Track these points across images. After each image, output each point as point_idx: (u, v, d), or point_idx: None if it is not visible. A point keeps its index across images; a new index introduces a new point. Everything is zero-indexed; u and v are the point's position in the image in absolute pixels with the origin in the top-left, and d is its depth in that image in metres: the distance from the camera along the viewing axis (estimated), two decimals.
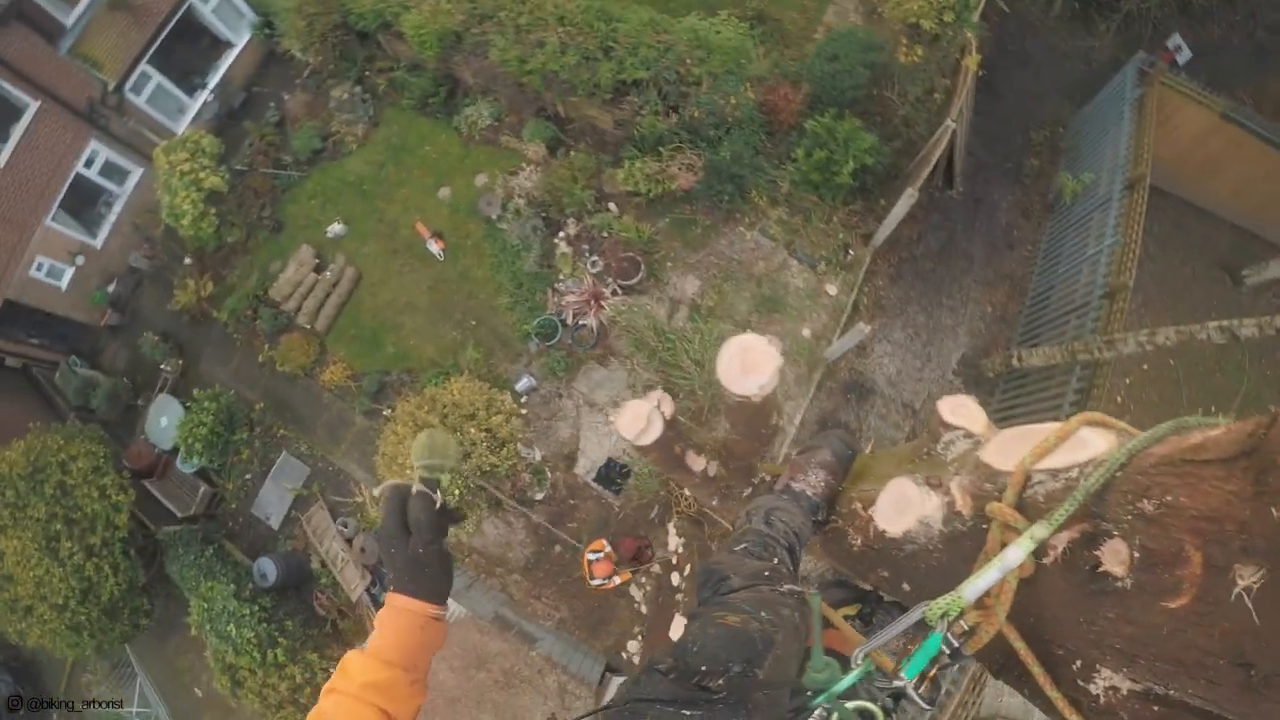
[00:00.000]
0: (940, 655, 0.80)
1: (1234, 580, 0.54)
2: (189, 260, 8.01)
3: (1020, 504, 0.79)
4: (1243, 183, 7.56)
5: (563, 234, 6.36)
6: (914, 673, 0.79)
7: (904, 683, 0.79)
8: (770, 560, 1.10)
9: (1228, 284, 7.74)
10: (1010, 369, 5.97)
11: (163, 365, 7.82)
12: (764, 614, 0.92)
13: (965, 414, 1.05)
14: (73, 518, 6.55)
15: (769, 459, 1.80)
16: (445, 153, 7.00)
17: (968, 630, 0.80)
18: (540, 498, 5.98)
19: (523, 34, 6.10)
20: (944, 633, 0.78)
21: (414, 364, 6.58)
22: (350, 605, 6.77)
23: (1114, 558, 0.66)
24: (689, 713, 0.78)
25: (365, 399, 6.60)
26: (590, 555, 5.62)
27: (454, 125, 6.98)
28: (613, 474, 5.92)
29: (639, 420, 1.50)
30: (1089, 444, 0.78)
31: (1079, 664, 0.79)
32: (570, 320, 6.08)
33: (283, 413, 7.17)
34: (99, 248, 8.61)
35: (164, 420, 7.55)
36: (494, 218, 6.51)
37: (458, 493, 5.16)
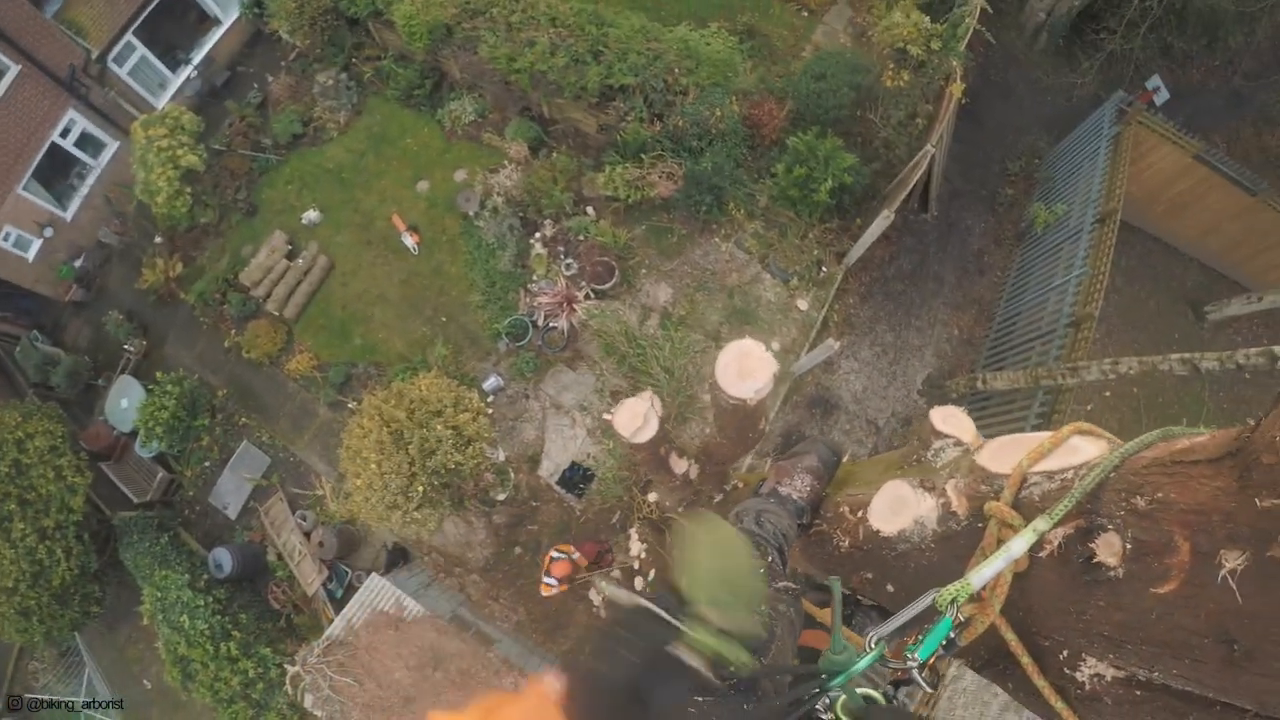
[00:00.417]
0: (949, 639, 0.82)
1: (1220, 564, 0.59)
2: (159, 239, 7.83)
3: (1016, 504, 0.85)
4: (1211, 223, 7.79)
5: (539, 235, 6.34)
6: (927, 653, 0.82)
7: (915, 664, 0.81)
8: (765, 559, 1.13)
9: (1190, 319, 7.96)
10: (974, 391, 6.07)
11: (126, 345, 7.63)
12: (763, 608, 0.95)
13: (956, 424, 1.11)
14: (27, 498, 6.35)
15: (742, 469, 1.82)
16: (426, 146, 6.95)
17: (963, 622, 0.84)
18: (503, 499, 5.93)
19: (514, 32, 6.09)
20: (953, 616, 0.81)
21: (382, 357, 6.50)
22: (306, 600, 6.64)
23: (1108, 549, 0.71)
24: (701, 699, 0.79)
25: (331, 390, 6.50)
26: (554, 554, 5.54)
27: (437, 119, 6.93)
28: (576, 478, 5.89)
29: (636, 418, 1.54)
30: (1080, 450, 0.84)
31: (1065, 653, 0.84)
32: (541, 322, 6.05)
33: (246, 400, 7.03)
34: (69, 220, 8.39)
35: (125, 402, 7.36)
36: (471, 214, 6.47)
37: (421, 489, 5.07)
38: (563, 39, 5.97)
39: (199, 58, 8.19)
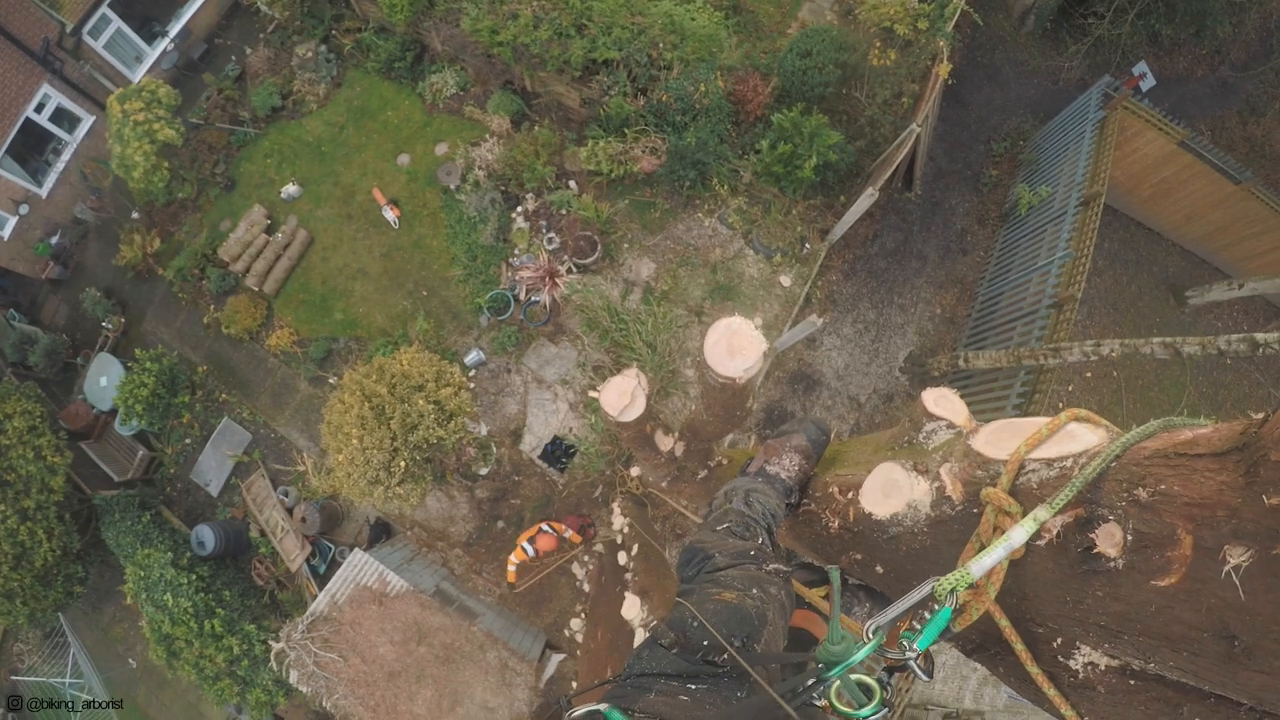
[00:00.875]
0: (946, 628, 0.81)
1: (1224, 560, 0.58)
2: (137, 215, 7.70)
3: (1013, 490, 0.83)
4: (1194, 210, 7.84)
5: (521, 209, 6.29)
6: (926, 644, 0.80)
7: (915, 654, 0.80)
8: (755, 540, 1.11)
9: (1171, 303, 8.04)
10: (956, 369, 6.11)
11: (104, 323, 7.52)
12: (755, 591, 0.94)
13: (948, 406, 1.09)
14: (6, 479, 6.29)
15: (725, 444, 1.81)
16: (407, 119, 6.85)
17: (958, 608, 0.82)
18: (485, 473, 5.93)
19: (496, 5, 6.00)
20: (952, 606, 0.80)
21: (363, 332, 6.45)
22: (289, 576, 6.63)
23: (1108, 540, 0.70)
24: (694, 686, 0.79)
25: (311, 365, 6.45)
26: (544, 528, 5.51)
27: (418, 92, 6.83)
28: (558, 452, 5.89)
29: (623, 396, 1.52)
30: (1079, 437, 0.82)
31: (1059, 641, 0.83)
32: (523, 296, 6.02)
33: (226, 377, 6.96)
34: (44, 197, 8.23)
35: (103, 380, 7.27)
36: (453, 188, 6.41)
37: (403, 464, 5.07)
38: (546, 12, 5.89)
39: (176, 30, 8.02)
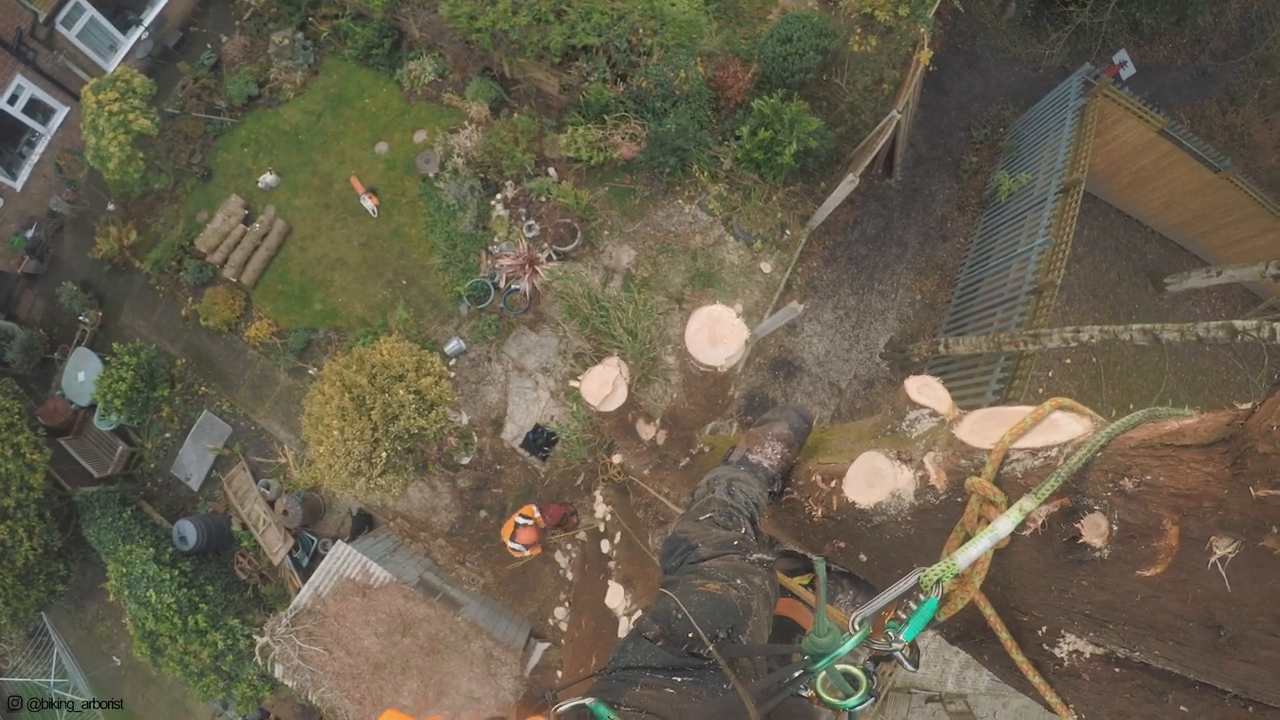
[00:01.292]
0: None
1: (1210, 551, 0.58)
2: (113, 206, 7.59)
3: (998, 480, 0.82)
4: (1173, 198, 7.92)
5: (500, 196, 6.25)
6: (912, 635, 0.80)
7: (901, 645, 0.80)
8: (738, 530, 1.10)
9: (1150, 290, 8.14)
10: (936, 355, 6.16)
11: (81, 317, 7.41)
12: (739, 581, 0.93)
13: (931, 394, 1.08)
14: None
15: (706, 431, 1.80)
16: (385, 106, 6.78)
17: (943, 597, 0.82)
18: (466, 462, 5.91)
19: None
20: (938, 598, 0.80)
21: (342, 322, 6.40)
22: (272, 569, 6.60)
23: (1093, 530, 0.70)
24: (680, 679, 0.78)
25: (291, 357, 6.40)
26: (519, 520, 5.56)
27: (396, 79, 6.76)
28: (540, 440, 5.89)
29: (605, 386, 1.51)
30: (1063, 426, 0.82)
31: (1044, 629, 0.83)
32: (503, 284, 6.00)
33: (205, 369, 6.89)
34: (19, 190, 8.10)
35: (81, 375, 7.17)
36: (431, 176, 6.36)
37: (385, 455, 5.05)
38: None
39: (150, 18, 7.88)
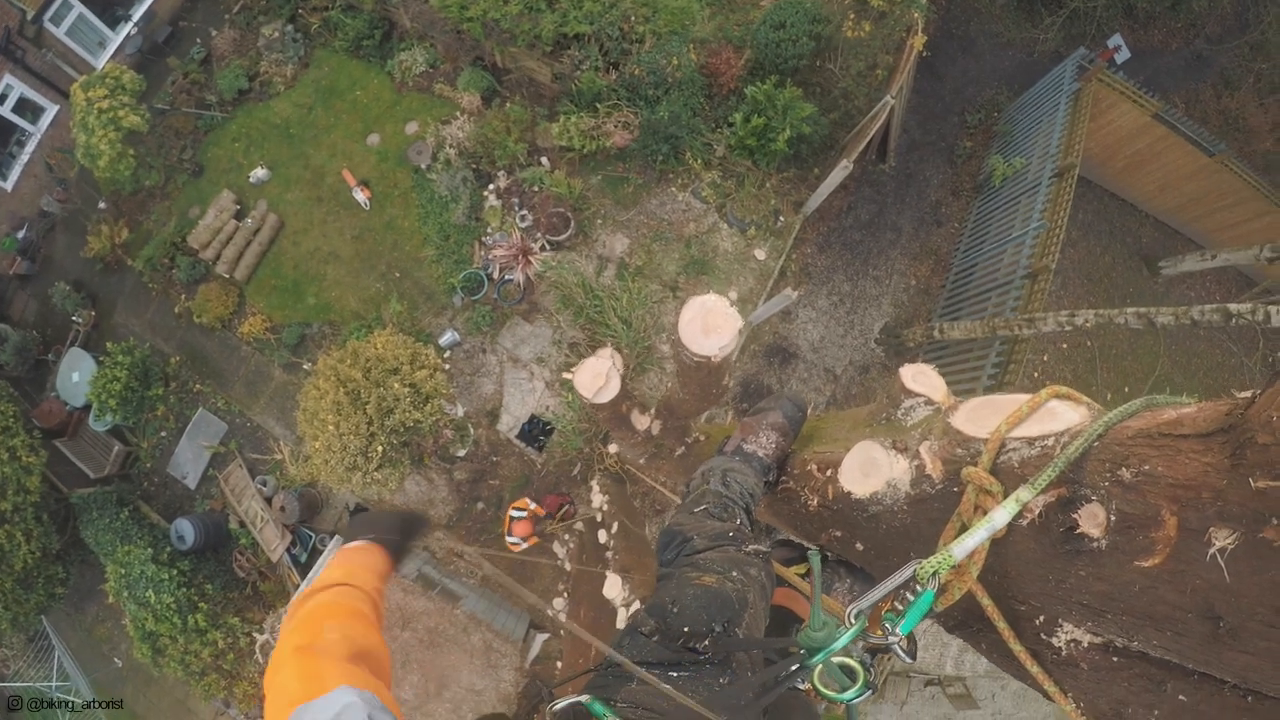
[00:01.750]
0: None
1: (1209, 542, 0.57)
2: (104, 205, 7.55)
3: (994, 469, 0.82)
4: (1167, 181, 7.92)
5: (493, 187, 6.22)
6: (909, 628, 0.79)
7: (898, 638, 0.79)
8: (732, 521, 1.09)
9: (1144, 274, 8.14)
10: (931, 340, 6.16)
11: (74, 317, 7.38)
12: (735, 574, 0.92)
13: (926, 382, 1.07)
14: None
15: (702, 420, 1.78)
16: (376, 98, 6.75)
17: (940, 588, 0.82)
18: (463, 454, 5.91)
19: None
20: (934, 590, 0.79)
21: (336, 316, 6.38)
22: (271, 566, 6.59)
23: (1091, 520, 0.70)
24: (675, 674, 0.77)
25: (285, 352, 6.38)
26: (513, 513, 5.58)
27: (387, 70, 6.73)
28: (536, 431, 5.88)
29: (598, 378, 1.49)
30: (1060, 415, 0.81)
31: (1042, 619, 0.82)
32: (497, 275, 5.98)
33: (199, 366, 6.87)
34: (9, 190, 8.06)
35: (76, 375, 7.15)
36: (423, 167, 6.33)
37: (381, 449, 5.03)
38: None
39: (139, 13, 7.83)
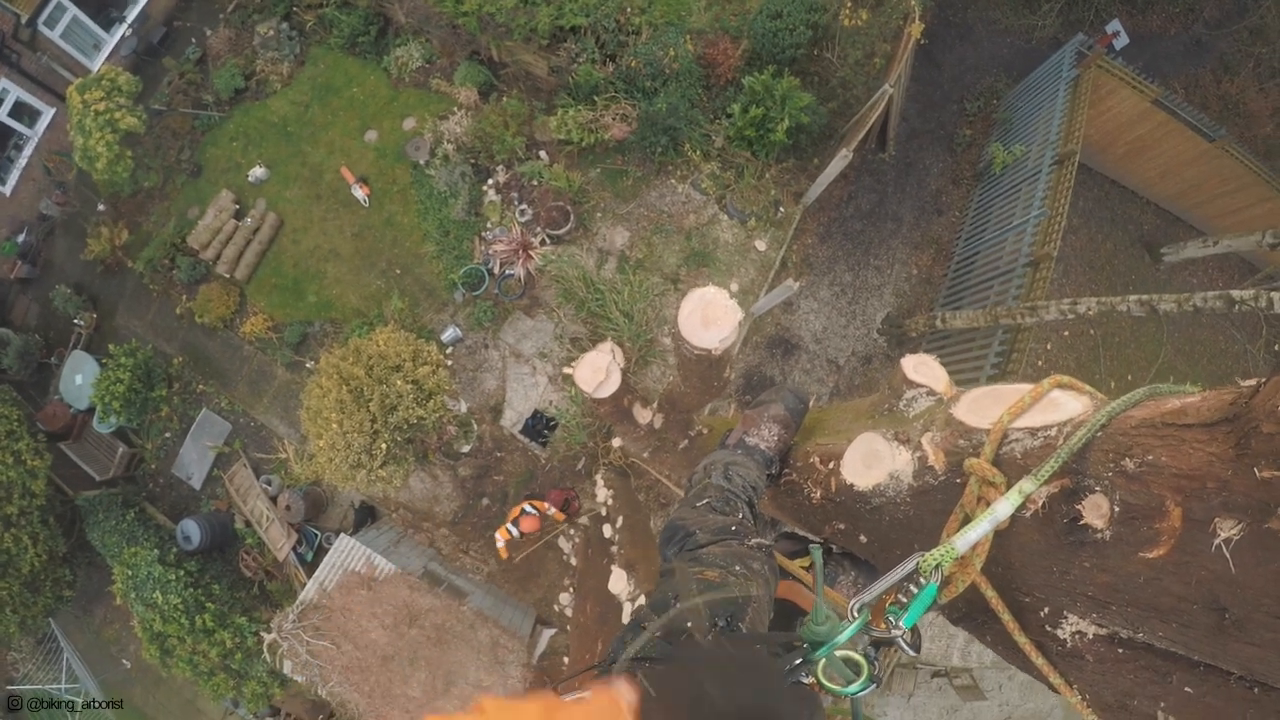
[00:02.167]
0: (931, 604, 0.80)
1: (1214, 533, 0.57)
2: (103, 207, 7.55)
3: (997, 460, 0.81)
4: (1168, 167, 7.88)
5: (492, 181, 6.21)
6: (911, 622, 0.79)
7: (901, 631, 0.78)
8: (735, 515, 1.09)
9: (1146, 261, 8.11)
10: (933, 330, 6.14)
11: (76, 319, 7.38)
12: (738, 568, 0.92)
13: (928, 372, 1.06)
14: None
15: (704, 413, 1.78)
16: (373, 95, 6.73)
17: (943, 580, 0.81)
18: (467, 450, 5.91)
19: None
20: (938, 582, 0.79)
21: (338, 314, 6.38)
22: (277, 565, 6.61)
23: (1095, 511, 0.69)
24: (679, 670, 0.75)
25: (287, 351, 6.38)
26: (526, 509, 5.54)
27: (383, 66, 6.71)
28: (539, 426, 5.88)
29: (598, 373, 1.49)
30: (1062, 405, 0.80)
31: (1046, 610, 0.82)
32: (497, 270, 5.97)
33: (202, 367, 6.88)
34: (8, 195, 8.05)
35: (79, 378, 7.16)
36: (422, 163, 6.31)
37: (385, 447, 5.04)
38: None
39: (133, 15, 7.80)
